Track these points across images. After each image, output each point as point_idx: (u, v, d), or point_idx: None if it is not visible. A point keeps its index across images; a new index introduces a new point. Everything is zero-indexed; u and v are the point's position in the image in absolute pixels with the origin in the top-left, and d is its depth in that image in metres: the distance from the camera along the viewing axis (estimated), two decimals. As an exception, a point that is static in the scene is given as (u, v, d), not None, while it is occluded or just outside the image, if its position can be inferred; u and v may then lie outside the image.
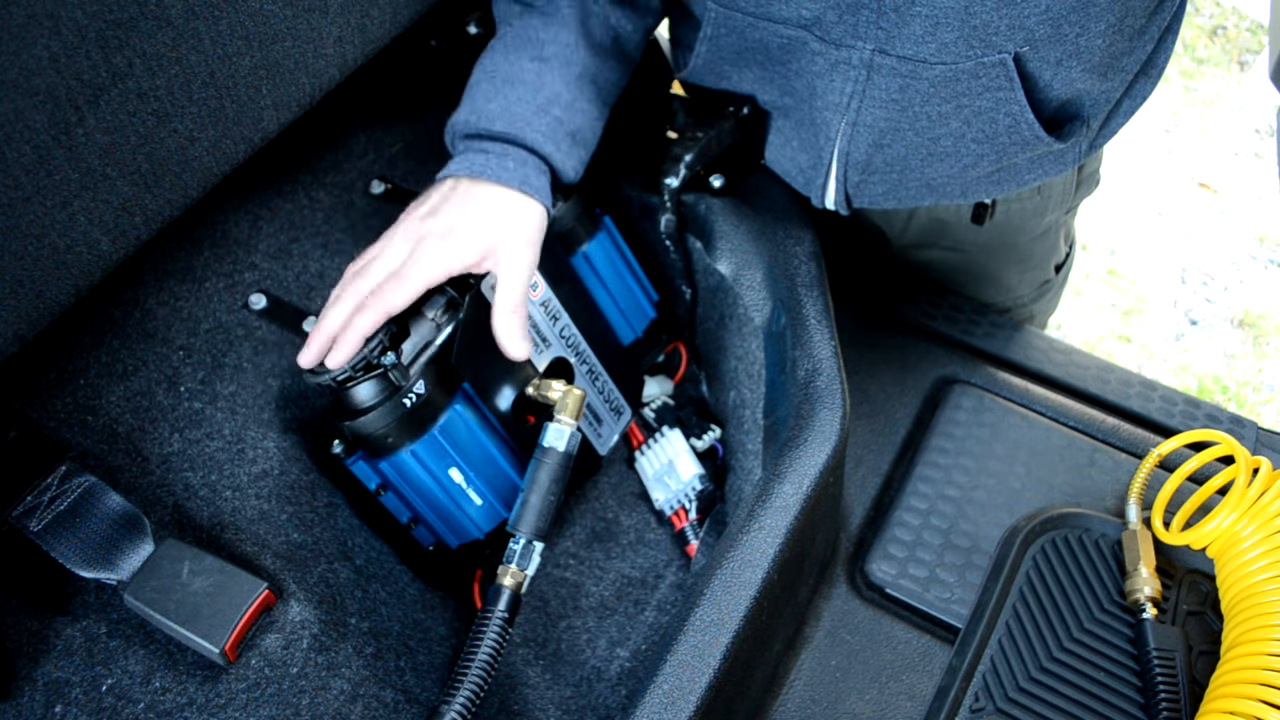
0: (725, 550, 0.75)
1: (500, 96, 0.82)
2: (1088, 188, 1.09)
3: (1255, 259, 2.49)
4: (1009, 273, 1.14)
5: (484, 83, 0.84)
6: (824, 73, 0.83)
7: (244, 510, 0.76)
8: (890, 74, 0.80)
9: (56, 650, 0.68)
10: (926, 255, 1.11)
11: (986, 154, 0.86)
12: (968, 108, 0.82)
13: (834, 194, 0.92)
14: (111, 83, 0.67)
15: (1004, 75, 0.79)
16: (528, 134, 0.81)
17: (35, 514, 0.69)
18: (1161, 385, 1.03)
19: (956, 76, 0.79)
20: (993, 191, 0.92)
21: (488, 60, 0.85)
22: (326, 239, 0.94)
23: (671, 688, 0.68)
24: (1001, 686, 0.80)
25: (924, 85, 0.80)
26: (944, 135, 0.85)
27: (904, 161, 0.88)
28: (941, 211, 1.04)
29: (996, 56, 0.77)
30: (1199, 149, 2.70)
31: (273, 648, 0.69)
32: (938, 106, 0.82)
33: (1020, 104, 0.81)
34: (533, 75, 0.83)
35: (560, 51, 0.84)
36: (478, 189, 0.80)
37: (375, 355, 0.76)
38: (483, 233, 0.79)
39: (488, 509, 0.84)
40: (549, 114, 0.82)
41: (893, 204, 0.93)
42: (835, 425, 0.80)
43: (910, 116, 0.83)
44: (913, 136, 0.85)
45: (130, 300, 0.86)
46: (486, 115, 0.82)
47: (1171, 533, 0.85)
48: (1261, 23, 3.00)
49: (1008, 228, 1.06)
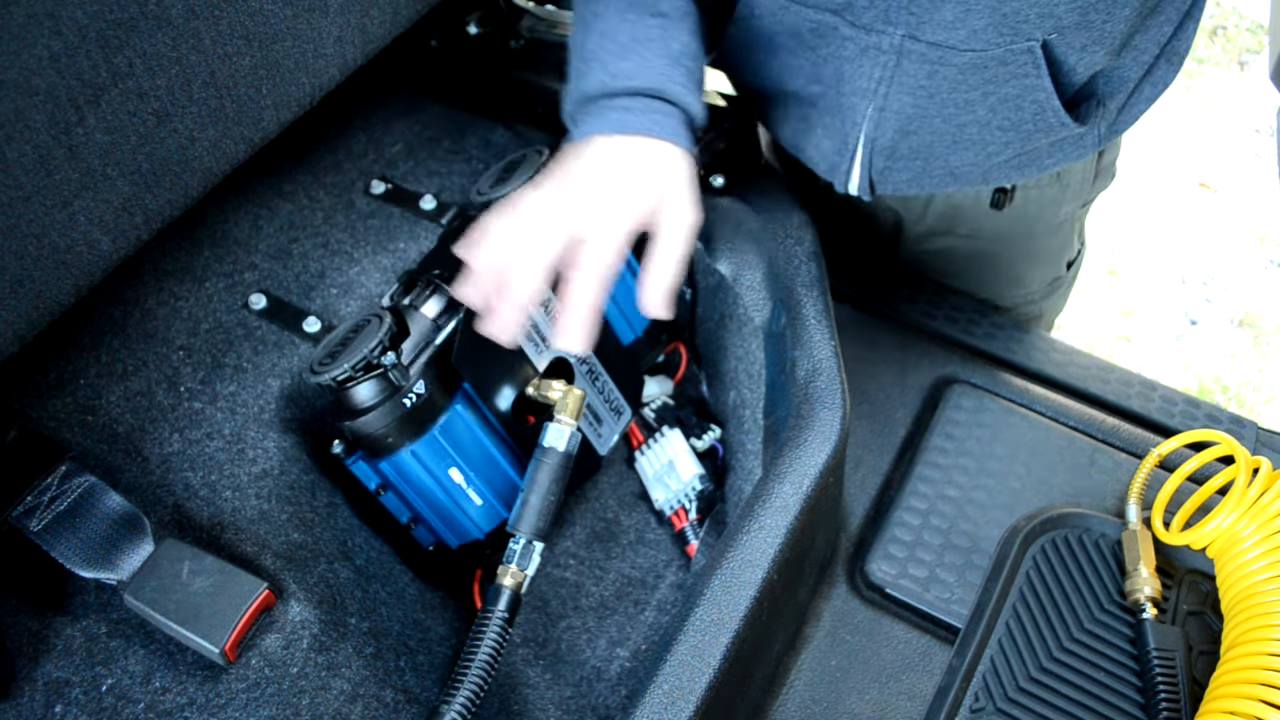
0: (725, 550, 0.75)
1: (633, 55, 0.80)
2: (1105, 180, 1.09)
3: (1255, 259, 2.49)
4: (1023, 265, 1.14)
5: (608, 45, 0.80)
6: (853, 58, 0.83)
7: (244, 510, 0.76)
8: (919, 60, 0.80)
9: (56, 650, 0.68)
10: (942, 244, 1.11)
11: (1011, 141, 0.86)
12: (994, 95, 0.82)
13: (858, 180, 0.92)
14: (111, 83, 0.67)
15: (1031, 63, 0.79)
16: (670, 87, 0.78)
17: (35, 514, 0.69)
18: (1161, 385, 1.03)
19: (985, 63, 0.79)
20: (1014, 177, 0.92)
21: (600, 25, 0.82)
22: (326, 239, 0.94)
23: (671, 688, 0.68)
24: (1001, 686, 0.80)
25: (952, 72, 0.80)
26: (970, 122, 0.85)
27: (929, 148, 0.88)
28: (960, 197, 1.04)
29: (1025, 44, 0.78)
30: (1199, 149, 2.70)
31: (273, 648, 0.69)
32: (965, 93, 0.82)
33: (1047, 91, 0.81)
34: (658, 31, 0.81)
35: (676, 5, 0.82)
36: (633, 144, 0.77)
37: (375, 355, 0.76)
38: (652, 187, 0.75)
39: (488, 509, 0.84)
40: (682, 65, 0.80)
41: (915, 191, 0.93)
42: (835, 425, 0.80)
43: (938, 103, 0.83)
44: (939, 123, 0.85)
45: (130, 300, 0.86)
46: (623, 74, 0.79)
47: (1171, 533, 0.85)
48: (1261, 23, 3.00)
49: (1026, 216, 1.06)
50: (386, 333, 0.76)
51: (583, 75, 0.81)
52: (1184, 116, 2.79)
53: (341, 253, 0.93)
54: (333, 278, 0.91)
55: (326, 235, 0.94)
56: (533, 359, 0.86)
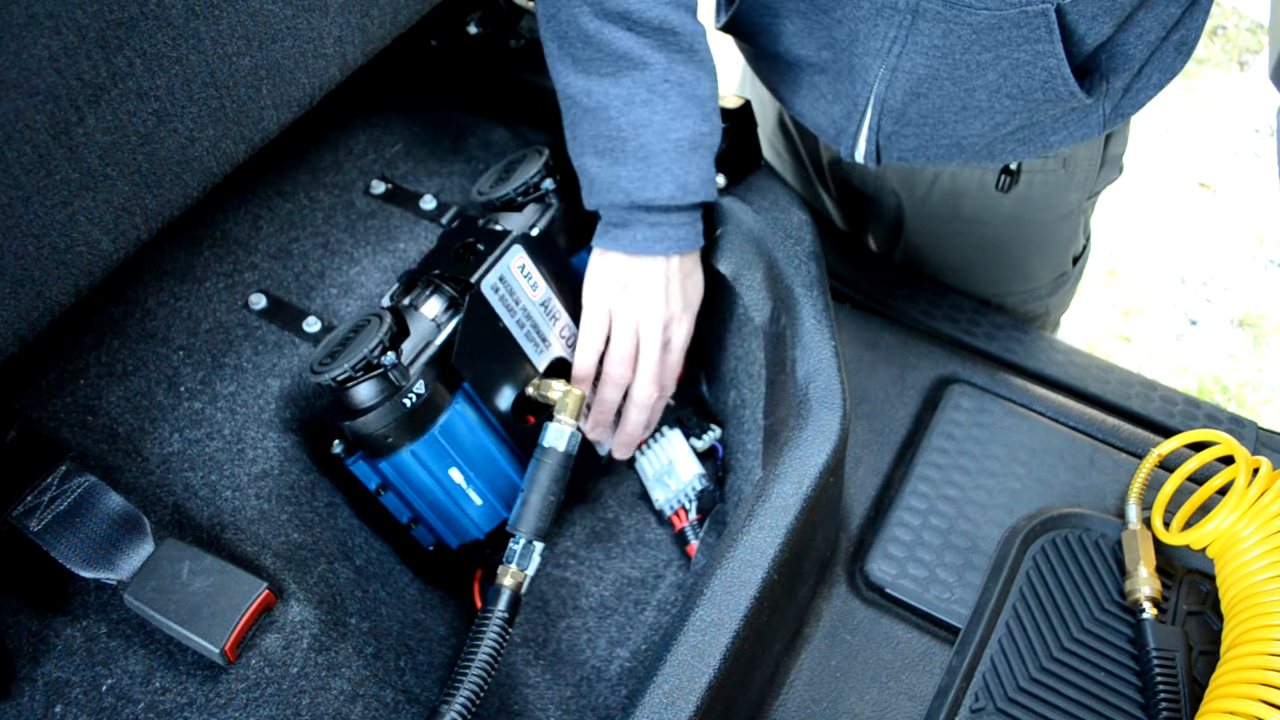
0: (725, 550, 0.75)
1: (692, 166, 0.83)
2: (1111, 172, 1.08)
3: (1255, 259, 2.49)
4: (1030, 256, 1.14)
5: (669, 149, 0.82)
6: (868, 18, 0.83)
7: (244, 510, 0.76)
8: (935, 19, 0.81)
9: (56, 650, 0.68)
10: (947, 230, 1.11)
11: (1019, 110, 0.86)
12: (1006, 59, 0.82)
13: (865, 145, 0.92)
14: (111, 83, 0.67)
15: (1045, 26, 0.79)
16: (708, 194, 0.85)
17: (35, 514, 0.69)
18: (1161, 385, 1.03)
19: (999, 24, 0.80)
20: (1019, 153, 0.93)
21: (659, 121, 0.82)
22: (326, 239, 0.94)
23: (671, 688, 0.68)
24: (1001, 686, 0.80)
25: (966, 32, 0.81)
26: (980, 87, 0.85)
27: (938, 114, 0.88)
28: (964, 179, 1.04)
29: (1040, 6, 0.78)
30: (1199, 149, 2.70)
31: (273, 648, 0.69)
32: (977, 55, 0.82)
33: (1058, 57, 0.81)
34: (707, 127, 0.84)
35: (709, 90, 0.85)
36: (686, 262, 0.88)
37: (375, 355, 0.76)
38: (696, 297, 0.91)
39: (488, 509, 0.84)
40: (710, 154, 0.85)
41: (921, 161, 0.93)
42: (835, 425, 0.80)
43: (950, 65, 0.83)
44: (950, 86, 0.85)
45: (130, 300, 0.86)
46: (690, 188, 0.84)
47: (1171, 533, 0.85)
48: (1261, 23, 3.00)
49: (1032, 202, 1.06)
50: (386, 333, 0.76)
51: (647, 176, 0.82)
52: (1184, 116, 2.79)
53: (341, 253, 0.93)
54: (333, 278, 0.91)
55: (326, 235, 0.94)
56: (533, 359, 0.86)
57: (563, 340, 0.90)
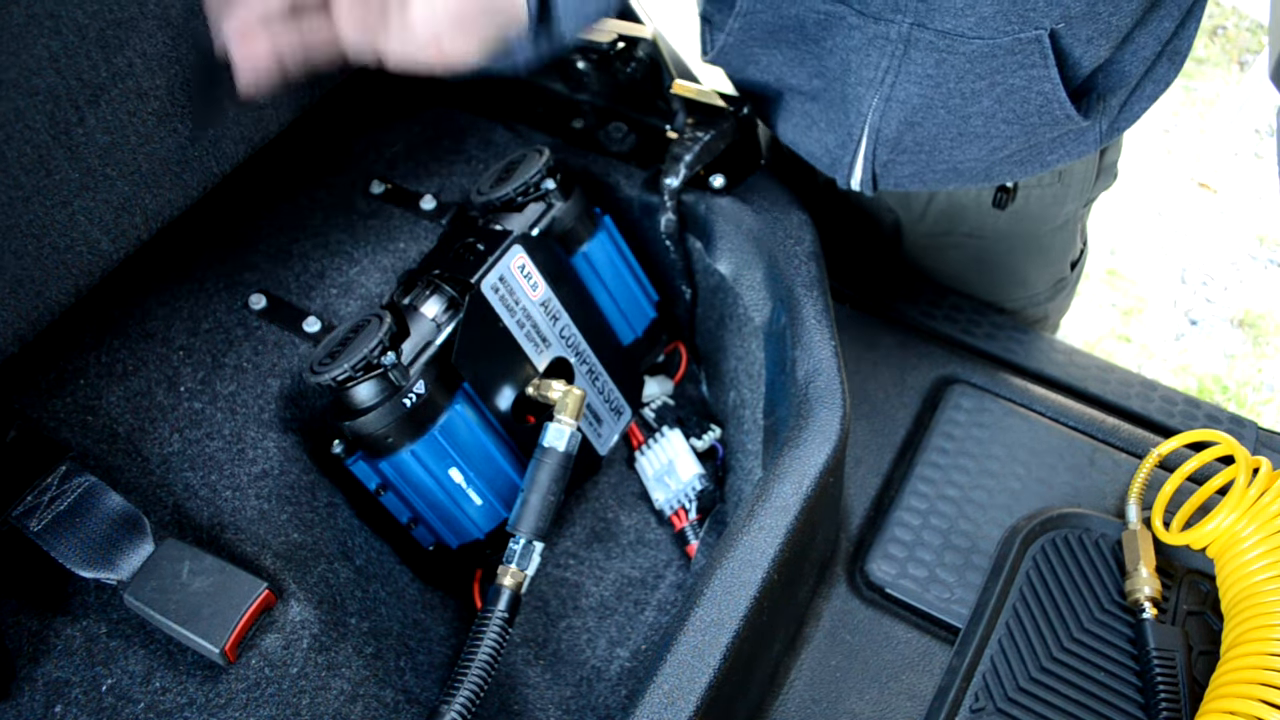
0: (725, 550, 0.75)
1: None
2: (1106, 179, 1.08)
3: (1255, 259, 2.49)
4: (1027, 266, 1.14)
5: None
6: (860, 48, 0.83)
7: (244, 510, 0.76)
8: (927, 49, 0.80)
9: (56, 650, 0.68)
10: (944, 244, 1.10)
11: (1015, 134, 0.86)
12: (1001, 85, 0.82)
13: (861, 173, 0.92)
14: (111, 83, 0.67)
15: (1039, 52, 0.79)
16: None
17: (35, 514, 0.69)
18: (1161, 385, 1.03)
19: (993, 52, 0.79)
20: (1016, 173, 0.92)
21: None
22: (326, 239, 0.94)
23: (671, 688, 0.68)
24: (1001, 686, 0.80)
25: (960, 60, 0.80)
26: (975, 114, 0.84)
27: (934, 141, 0.88)
28: (961, 196, 1.04)
29: (1033, 32, 0.77)
30: (1199, 149, 2.70)
31: (273, 648, 0.69)
32: (972, 83, 0.82)
33: (1054, 82, 0.81)
34: None
35: None
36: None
37: (375, 355, 0.76)
38: None
39: (488, 509, 0.84)
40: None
41: (918, 186, 0.93)
42: (835, 425, 0.80)
43: (944, 93, 0.83)
44: (945, 114, 0.85)
45: (130, 300, 0.86)
46: None
47: (1171, 533, 0.85)
48: (1261, 23, 3.00)
49: (1028, 216, 1.06)
50: (386, 333, 0.76)
51: None
52: (1184, 116, 2.79)
53: (341, 253, 0.93)
54: (333, 278, 0.91)
55: (326, 235, 0.94)
56: (533, 359, 0.86)
57: (563, 340, 0.90)
